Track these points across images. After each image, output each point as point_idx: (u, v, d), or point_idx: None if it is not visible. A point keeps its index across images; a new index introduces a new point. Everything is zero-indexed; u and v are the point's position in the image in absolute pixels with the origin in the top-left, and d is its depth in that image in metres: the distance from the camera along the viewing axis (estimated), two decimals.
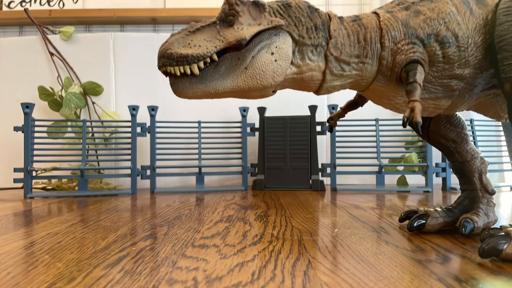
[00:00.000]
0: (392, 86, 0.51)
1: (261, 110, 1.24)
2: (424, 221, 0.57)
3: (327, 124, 0.59)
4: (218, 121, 1.25)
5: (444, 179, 1.18)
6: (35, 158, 1.10)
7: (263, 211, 0.78)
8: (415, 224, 0.57)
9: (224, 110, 1.34)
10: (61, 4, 1.72)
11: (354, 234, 0.56)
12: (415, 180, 1.30)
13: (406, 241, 0.52)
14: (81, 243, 0.52)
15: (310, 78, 0.50)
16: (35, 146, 1.11)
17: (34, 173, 1.12)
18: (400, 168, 1.22)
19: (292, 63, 0.49)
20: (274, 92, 0.52)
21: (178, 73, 0.45)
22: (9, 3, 1.69)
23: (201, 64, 0.45)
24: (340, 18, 0.51)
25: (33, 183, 1.15)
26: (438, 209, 0.58)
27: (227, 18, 0.47)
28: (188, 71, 0.44)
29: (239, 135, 1.24)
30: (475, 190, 0.57)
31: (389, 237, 0.54)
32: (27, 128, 1.06)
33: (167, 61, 0.44)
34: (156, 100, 1.33)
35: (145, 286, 0.35)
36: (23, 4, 1.72)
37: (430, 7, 0.50)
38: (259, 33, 0.47)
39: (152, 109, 1.16)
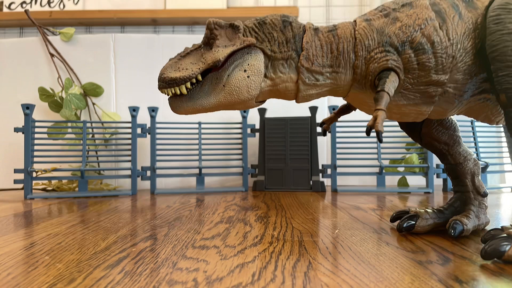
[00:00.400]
0: (368, 93, 0.52)
1: (262, 111, 1.24)
2: (413, 222, 0.57)
3: (320, 128, 0.61)
4: (218, 122, 1.25)
5: (445, 180, 1.17)
6: (35, 159, 1.10)
7: (264, 212, 0.78)
8: (404, 225, 0.57)
9: (224, 111, 1.34)
10: (61, 5, 1.72)
11: (354, 235, 0.56)
12: (416, 181, 1.30)
13: (406, 242, 0.52)
14: (81, 244, 0.52)
15: (284, 89, 0.53)
16: (36, 147, 1.11)
17: (34, 174, 1.12)
18: (401, 169, 1.22)
19: (266, 76, 0.52)
20: (260, 102, 0.55)
21: (170, 94, 0.50)
22: (10, 4, 1.69)
23: (188, 84, 0.50)
24: (316, 29, 0.53)
25: (33, 184, 1.15)
26: (429, 210, 0.58)
27: (209, 41, 0.52)
28: (178, 92, 0.50)
29: (239, 136, 1.24)
30: (467, 192, 0.58)
31: (389, 238, 0.54)
32: (27, 129, 1.06)
33: (162, 84, 0.50)
34: (156, 101, 1.33)
35: (146, 287, 0.35)
36: (24, 5, 1.72)
37: (408, 13, 0.50)
38: (233, 53, 0.51)
39: (153, 110, 1.16)
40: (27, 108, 1.06)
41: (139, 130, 1.17)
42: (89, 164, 1.23)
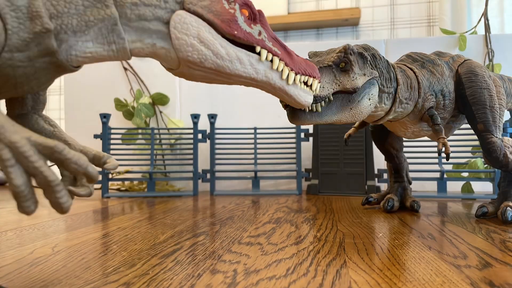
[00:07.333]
0: (415, 121, 0.72)
1: None
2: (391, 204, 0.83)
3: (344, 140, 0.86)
4: (273, 127, 1.29)
5: None
6: None
7: (312, 214, 0.80)
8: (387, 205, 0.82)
9: (279, 116, 1.38)
10: None
11: (398, 239, 0.57)
12: (482, 187, 1.22)
13: (450, 247, 0.51)
14: (143, 237, 0.59)
15: (377, 116, 0.67)
16: (111, 152, 1.24)
17: (110, 176, 1.26)
18: (465, 174, 1.16)
19: None
20: None
21: (307, 110, 0.55)
22: None
23: (323, 103, 0.55)
24: (400, 68, 0.68)
25: (109, 185, 1.29)
26: (393, 196, 0.84)
27: (340, 63, 0.57)
28: (314, 109, 0.55)
29: (293, 140, 1.27)
30: (403, 182, 0.88)
31: (434, 242, 0.54)
32: (105, 135, 1.20)
33: None
34: (215, 109, 1.42)
35: (191, 273, 0.40)
36: None
37: (436, 69, 0.70)
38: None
39: (212, 117, 1.24)
40: (104, 117, 1.20)
41: (199, 136, 1.26)
42: (157, 167, 1.34)
